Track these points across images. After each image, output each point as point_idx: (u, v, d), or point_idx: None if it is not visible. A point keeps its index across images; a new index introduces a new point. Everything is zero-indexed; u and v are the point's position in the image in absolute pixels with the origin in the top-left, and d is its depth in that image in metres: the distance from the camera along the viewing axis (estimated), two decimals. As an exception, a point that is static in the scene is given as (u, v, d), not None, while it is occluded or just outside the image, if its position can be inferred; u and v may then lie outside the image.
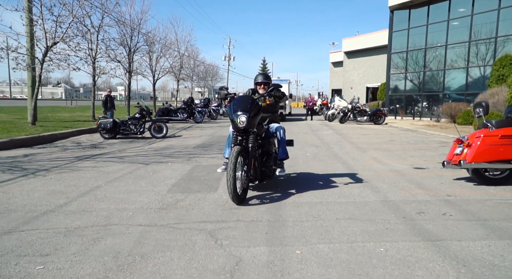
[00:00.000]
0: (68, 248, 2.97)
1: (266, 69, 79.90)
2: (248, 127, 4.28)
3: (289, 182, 5.46)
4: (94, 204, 4.28)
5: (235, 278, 2.46)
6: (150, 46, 22.24)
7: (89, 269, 2.60)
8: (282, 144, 4.84)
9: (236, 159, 4.03)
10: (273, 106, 4.97)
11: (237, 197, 4.10)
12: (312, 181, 5.52)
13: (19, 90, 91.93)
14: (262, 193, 4.78)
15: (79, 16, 14.37)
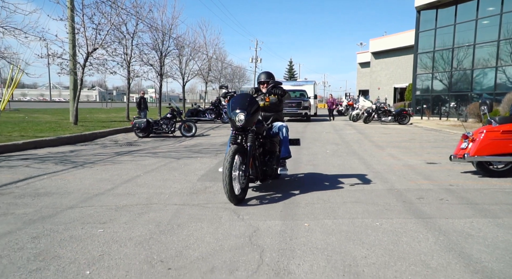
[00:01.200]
0: (119, 219, 3.68)
1: (293, 70, 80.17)
2: (246, 125, 4.21)
3: (305, 174, 6.02)
4: (136, 189, 5.01)
5: (252, 240, 3.07)
6: (180, 50, 23.30)
7: (138, 232, 3.29)
8: (285, 143, 4.81)
9: (232, 158, 3.95)
10: (276, 104, 4.94)
11: (234, 197, 4.00)
12: (327, 173, 6.05)
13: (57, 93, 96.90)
14: (279, 182, 5.37)
15: (116, 24, 15.49)
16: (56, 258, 2.73)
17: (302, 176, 5.77)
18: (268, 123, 4.99)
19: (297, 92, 23.73)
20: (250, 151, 4.20)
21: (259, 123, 4.60)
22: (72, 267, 2.58)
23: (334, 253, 2.81)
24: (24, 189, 4.92)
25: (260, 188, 4.95)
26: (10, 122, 14.88)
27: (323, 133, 14.02)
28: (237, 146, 4.11)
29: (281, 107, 5.15)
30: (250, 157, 4.19)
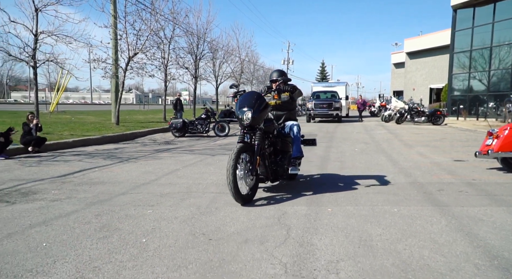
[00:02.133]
0: (165, 203, 4.22)
1: (325, 71, 79.67)
2: (253, 123, 4.11)
3: (331, 169, 6.36)
4: (176, 180, 5.57)
5: (280, 221, 3.50)
6: (214, 53, 24.12)
7: (181, 213, 3.81)
8: (296, 142, 4.67)
9: (237, 157, 3.88)
10: (289, 103, 4.85)
11: (240, 196, 3.93)
12: (353, 169, 6.36)
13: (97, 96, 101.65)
14: (310, 174, 5.75)
15: (155, 29, 16.41)
16: (117, 230, 3.29)
17: (327, 172, 6.12)
18: (280, 122, 4.87)
19: (328, 93, 23.86)
20: (257, 150, 4.08)
21: (269, 121, 4.48)
22: (131, 236, 3.12)
23: (352, 231, 3.19)
24: (81, 179, 5.61)
25: (288, 183, 5.36)
26: (60, 122, 16.13)
27: (354, 133, 14.18)
28: (242, 145, 4.02)
29: (293, 105, 5.01)
30: (257, 156, 4.07)
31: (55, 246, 2.90)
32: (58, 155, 8.24)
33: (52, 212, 3.83)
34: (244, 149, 4.05)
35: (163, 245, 2.91)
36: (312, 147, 7.00)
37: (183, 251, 2.80)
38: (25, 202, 4.22)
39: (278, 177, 4.66)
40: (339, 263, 2.55)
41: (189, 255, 2.71)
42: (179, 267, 2.52)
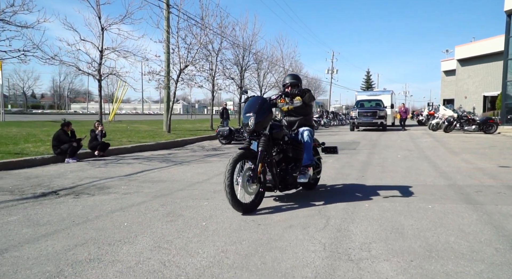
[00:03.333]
0: (217, 197, 4.79)
1: (370, 80, 78.21)
2: (257, 128, 3.99)
3: (371, 172, 6.63)
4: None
5: (321, 212, 3.93)
6: (258, 64, 24.92)
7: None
8: (307, 149, 4.45)
9: (234, 165, 3.77)
10: (302, 108, 4.61)
11: (238, 205, 3.80)
12: (393, 172, 6.59)
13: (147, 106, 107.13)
14: (349, 176, 6.09)
15: (204, 43, 17.47)
16: (181, 216, 3.89)
17: (367, 175, 6.41)
18: (294, 128, 4.71)
19: (373, 101, 23.70)
20: (260, 157, 3.93)
21: (278, 127, 4.31)
22: (193, 221, 3.70)
23: (386, 221, 3.55)
24: (144, 177, 6.37)
25: (333, 179, 5.74)
26: (118, 130, 17.56)
27: (398, 141, 14.12)
28: (243, 151, 3.91)
29: (307, 111, 4.77)
30: (259, 163, 3.92)
31: (133, 225, 3.54)
32: (120, 158, 9.20)
33: (125, 202, 4.53)
34: (245, 156, 3.92)
35: (220, 228, 3.46)
36: (353, 152, 7.35)
37: (237, 232, 3.32)
38: (102, 194, 4.99)
39: (288, 186, 4.43)
40: (372, 244, 2.94)
41: (242, 235, 3.23)
42: (234, 242, 3.04)
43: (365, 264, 2.58)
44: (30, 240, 3.06)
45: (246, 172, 3.94)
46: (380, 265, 2.56)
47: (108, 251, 2.85)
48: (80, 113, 68.89)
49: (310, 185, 5.00)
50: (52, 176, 6.44)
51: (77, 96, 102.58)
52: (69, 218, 3.77)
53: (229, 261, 2.65)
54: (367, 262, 2.62)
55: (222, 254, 2.79)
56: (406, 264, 2.56)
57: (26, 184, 5.64)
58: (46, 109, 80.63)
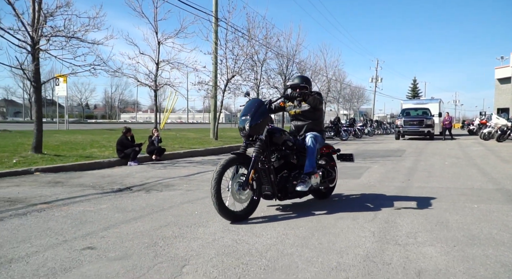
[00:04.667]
0: (272, 194, 5.26)
1: (417, 89, 75.77)
2: (252, 132, 3.77)
3: (418, 177, 6.80)
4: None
5: (369, 208, 4.27)
6: (302, 73, 25.35)
7: (286, 201, 4.79)
8: (309, 155, 4.17)
9: (222, 171, 3.56)
10: (310, 112, 4.39)
11: (226, 213, 3.59)
12: (440, 178, 6.71)
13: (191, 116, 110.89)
14: (395, 179, 6.32)
15: (250, 54, 18.24)
16: (241, 208, 4.40)
17: (413, 179, 6.60)
18: (301, 133, 4.44)
19: (420, 110, 23.24)
20: (253, 163, 3.70)
21: (278, 132, 4.07)
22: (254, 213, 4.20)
23: (432, 217, 3.84)
24: (201, 178, 7.00)
25: (373, 182, 6.02)
26: (169, 138, 18.66)
27: (446, 149, 13.89)
28: (234, 156, 3.71)
29: (317, 115, 4.50)
30: (251, 169, 3.69)
31: (203, 214, 4.10)
32: (175, 162, 9.98)
33: (190, 196, 5.14)
34: (236, 161, 3.72)
35: (280, 215, 3.93)
36: (399, 159, 7.55)
37: (294, 220, 3.76)
38: (168, 190, 5.64)
39: (289, 195, 4.14)
40: (417, 233, 3.27)
41: (299, 222, 3.67)
42: (293, 228, 3.49)
43: (411, 248, 2.92)
44: (124, 222, 3.70)
45: (237, 178, 3.70)
46: (425, 248, 2.90)
47: (188, 231, 3.41)
48: (129, 122, 72.78)
49: (321, 194, 4.74)
50: (121, 176, 7.25)
51: (126, 106, 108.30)
52: (148, 207, 4.41)
53: (290, 241, 3.11)
54: (413, 246, 2.96)
55: (283, 236, 3.25)
56: (449, 248, 2.88)
57: (102, 181, 6.45)
58: (99, 119, 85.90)
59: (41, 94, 9.23)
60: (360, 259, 2.69)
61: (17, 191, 5.16)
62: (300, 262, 2.65)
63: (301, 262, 2.66)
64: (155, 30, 13.17)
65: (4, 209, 4.11)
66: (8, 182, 5.95)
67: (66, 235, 3.23)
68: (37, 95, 9.00)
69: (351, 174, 7.23)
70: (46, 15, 8.23)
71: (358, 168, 8.09)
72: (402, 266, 2.57)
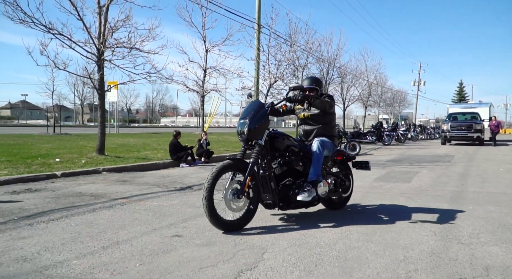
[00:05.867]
0: (326, 195, 5.49)
1: (463, 92, 72.56)
2: (249, 137, 3.53)
3: (471, 182, 6.74)
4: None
5: (428, 209, 4.40)
6: (342, 77, 25.26)
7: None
8: (314, 162, 3.86)
9: (215, 177, 3.36)
10: (320, 116, 4.10)
11: (219, 222, 3.37)
12: (495, 183, 6.62)
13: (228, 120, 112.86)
14: (448, 183, 6.33)
15: (292, 59, 18.53)
16: (300, 207, 4.67)
17: (467, 184, 6.55)
18: (310, 139, 4.13)
19: (468, 114, 22.44)
20: (250, 169, 3.47)
21: (281, 136, 3.82)
22: (314, 208, 4.45)
23: (492, 220, 3.92)
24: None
25: (424, 186, 6.06)
26: (213, 141, 19.26)
27: (498, 155, 13.39)
28: (230, 162, 3.49)
29: (328, 119, 4.18)
30: (248, 176, 3.46)
31: (266, 210, 4.41)
32: (224, 164, 10.41)
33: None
34: (232, 167, 3.50)
35: (339, 213, 4.17)
36: (448, 164, 7.49)
37: (354, 218, 3.99)
38: (226, 189, 6.01)
39: (291, 204, 3.82)
40: (480, 234, 3.40)
41: (360, 221, 3.89)
42: (354, 225, 3.72)
43: (475, 246, 3.06)
44: (198, 215, 4.08)
45: (232, 185, 3.47)
46: (490, 248, 3.03)
47: (255, 225, 3.73)
48: (169, 126, 75.18)
49: (334, 204, 4.43)
50: (179, 176, 7.76)
51: (166, 111, 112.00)
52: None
53: (355, 237, 3.34)
54: (477, 245, 3.10)
55: (347, 232, 3.49)
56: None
57: (164, 181, 6.96)
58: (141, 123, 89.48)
59: (105, 100, 9.99)
60: (426, 255, 2.88)
61: (96, 188, 5.74)
62: (368, 254, 2.89)
63: (369, 254, 2.89)
64: (203, 38, 13.83)
65: (93, 202, 4.65)
66: (83, 180, 6.60)
67: (153, 225, 3.66)
68: (101, 101, 9.79)
69: (400, 178, 7.28)
70: (113, 29, 8.98)
71: (406, 173, 8.10)
72: (468, 262, 2.73)
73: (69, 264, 2.62)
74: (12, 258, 2.70)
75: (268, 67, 17.67)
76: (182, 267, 2.61)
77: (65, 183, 6.22)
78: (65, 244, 3.02)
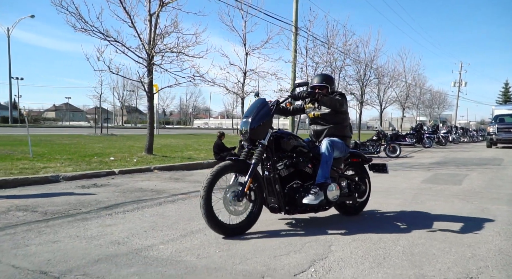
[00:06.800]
0: (379, 194, 5.54)
1: (509, 93, 69.04)
2: (252, 136, 3.36)
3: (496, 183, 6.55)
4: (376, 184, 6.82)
5: (484, 211, 4.37)
6: (379, 79, 24.85)
7: (395, 201, 5.05)
8: (322, 163, 3.64)
9: (213, 179, 3.19)
10: (331, 115, 3.87)
11: (216, 223, 3.18)
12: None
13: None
14: (501, 186, 6.18)
15: (329, 61, 18.51)
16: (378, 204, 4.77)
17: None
18: (321, 139, 3.91)
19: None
20: (251, 171, 3.30)
21: (286, 136, 3.62)
22: (371, 205, 4.54)
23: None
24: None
25: (478, 189, 5.96)
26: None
27: (550, 159, 12.75)
28: (230, 162, 3.33)
29: (340, 118, 3.93)
30: (249, 178, 3.29)
31: (320, 208, 4.54)
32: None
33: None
34: (232, 168, 3.33)
35: (393, 212, 4.24)
36: (498, 168, 7.29)
37: (412, 218, 4.05)
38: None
39: (298, 208, 3.61)
40: (546, 234, 3.37)
41: (417, 220, 3.95)
42: (413, 224, 3.79)
43: (544, 246, 3.06)
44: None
45: (232, 187, 3.29)
46: (560, 247, 3.02)
47: (313, 220, 3.88)
48: (202, 128, 76.63)
49: (348, 209, 4.20)
50: (225, 174, 8.03)
51: (198, 113, 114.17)
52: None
53: (416, 234, 3.42)
54: (546, 245, 3.09)
55: (407, 229, 3.57)
56: None
57: (213, 178, 7.25)
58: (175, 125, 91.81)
59: (154, 103, 10.49)
60: (494, 253, 2.92)
61: (154, 184, 6.10)
62: (434, 250, 2.97)
63: (435, 250, 2.97)
64: (243, 42, 14.11)
65: (157, 197, 4.98)
66: (139, 177, 7.01)
67: (219, 218, 3.91)
68: (151, 104, 10.29)
69: (449, 180, 7.18)
70: (164, 35, 9.45)
71: (454, 175, 7.96)
72: (540, 260, 2.75)
73: (157, 248, 2.91)
74: (107, 241, 3.02)
75: (306, 69, 17.80)
76: (258, 254, 2.82)
77: (124, 179, 6.63)
78: (147, 232, 3.32)
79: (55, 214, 3.85)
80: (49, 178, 6.12)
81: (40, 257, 2.62)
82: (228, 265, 2.59)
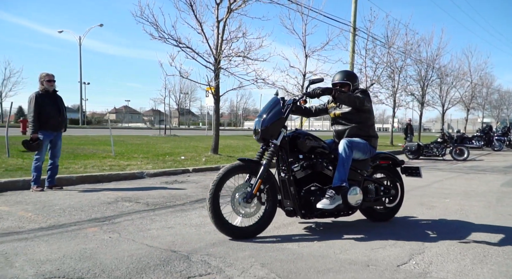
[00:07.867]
0: (447, 197, 5.42)
1: None
2: (264, 135, 3.26)
3: None
4: (448, 186, 6.65)
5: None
6: (442, 79, 23.70)
7: (476, 204, 4.92)
8: (339, 165, 3.40)
9: (224, 176, 3.16)
10: (353, 114, 3.62)
11: (223, 225, 3.10)
12: None
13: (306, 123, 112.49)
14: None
15: (389, 62, 18.04)
16: (432, 207, 4.74)
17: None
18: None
19: None
20: (262, 172, 3.18)
21: (302, 136, 3.45)
22: (446, 206, 4.50)
23: None
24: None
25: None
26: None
27: None
28: (240, 163, 3.25)
29: (362, 117, 3.65)
30: (259, 179, 3.18)
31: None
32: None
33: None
34: (241, 169, 3.25)
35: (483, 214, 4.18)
36: None
37: (473, 225, 3.97)
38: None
39: (313, 212, 3.39)
40: None
41: (508, 221, 3.86)
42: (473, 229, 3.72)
43: None
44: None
45: (241, 188, 3.21)
46: None
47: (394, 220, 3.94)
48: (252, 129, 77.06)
49: (377, 215, 3.94)
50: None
51: (248, 115, 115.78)
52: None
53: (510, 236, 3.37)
54: None
55: (501, 231, 3.52)
56: None
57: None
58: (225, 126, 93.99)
59: (219, 105, 10.98)
60: None
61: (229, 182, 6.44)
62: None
63: None
64: (303, 44, 14.26)
65: (239, 193, 5.31)
66: (211, 175, 7.39)
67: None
68: (217, 106, 10.79)
69: (533, 185, 6.79)
70: (232, 39, 9.91)
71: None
72: None
73: (258, 236, 3.20)
74: (213, 229, 3.27)
75: (365, 70, 17.53)
76: (356, 246, 2.99)
77: (199, 177, 7.07)
78: (246, 222, 3.61)
79: (156, 205, 4.29)
80: (135, 174, 6.73)
81: (165, 239, 3.00)
82: (330, 254, 2.78)
